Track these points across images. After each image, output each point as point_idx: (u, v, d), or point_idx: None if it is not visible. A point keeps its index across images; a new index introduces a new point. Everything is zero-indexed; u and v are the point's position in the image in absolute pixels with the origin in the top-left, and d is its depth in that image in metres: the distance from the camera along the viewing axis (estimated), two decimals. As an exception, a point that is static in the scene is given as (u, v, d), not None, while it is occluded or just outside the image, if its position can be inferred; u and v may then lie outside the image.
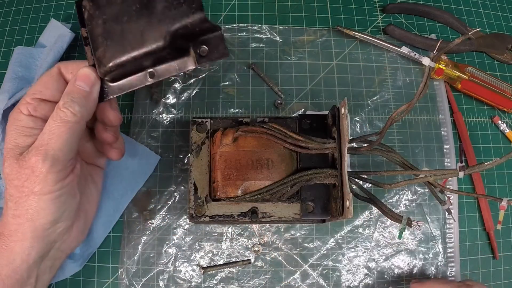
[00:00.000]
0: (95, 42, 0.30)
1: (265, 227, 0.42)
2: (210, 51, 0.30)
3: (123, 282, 0.41)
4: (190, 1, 0.28)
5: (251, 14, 0.49)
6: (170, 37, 0.29)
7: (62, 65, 0.33)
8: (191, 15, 0.28)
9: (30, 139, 0.31)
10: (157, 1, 0.28)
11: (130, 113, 0.45)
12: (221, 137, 0.37)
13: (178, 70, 0.31)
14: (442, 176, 0.33)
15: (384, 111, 0.46)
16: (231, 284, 0.41)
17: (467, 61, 0.49)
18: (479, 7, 0.52)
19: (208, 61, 0.31)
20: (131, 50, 0.29)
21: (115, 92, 0.32)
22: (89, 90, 0.31)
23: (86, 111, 0.31)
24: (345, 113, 0.33)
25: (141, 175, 0.43)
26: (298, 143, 0.35)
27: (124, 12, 0.29)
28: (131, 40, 0.29)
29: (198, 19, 0.28)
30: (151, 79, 0.31)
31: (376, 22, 0.50)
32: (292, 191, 0.36)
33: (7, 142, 0.31)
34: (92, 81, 0.31)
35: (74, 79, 0.31)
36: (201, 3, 0.28)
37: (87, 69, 0.31)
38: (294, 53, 0.48)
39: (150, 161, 0.43)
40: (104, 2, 0.30)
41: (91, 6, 0.30)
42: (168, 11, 0.28)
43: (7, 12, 0.49)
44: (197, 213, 0.37)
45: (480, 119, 0.47)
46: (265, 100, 0.46)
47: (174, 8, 0.28)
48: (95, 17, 0.30)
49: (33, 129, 0.31)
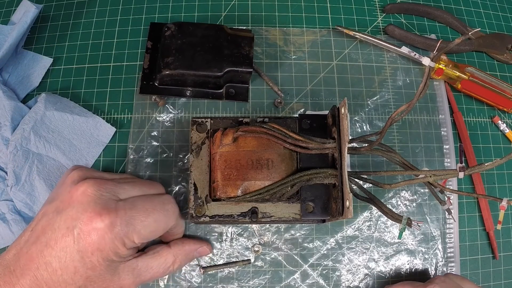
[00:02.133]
0: (166, 51, 0.42)
1: (265, 227, 0.42)
2: (236, 95, 0.45)
3: (123, 282, 0.41)
4: (246, 58, 0.43)
5: (251, 14, 0.49)
6: (224, 73, 0.42)
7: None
8: (243, 66, 0.43)
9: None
10: (224, 48, 0.43)
11: (130, 113, 0.45)
12: (221, 137, 0.37)
13: (211, 97, 0.45)
14: (442, 176, 0.33)
15: (384, 111, 0.46)
16: (231, 284, 0.41)
17: (467, 61, 0.49)
18: (479, 7, 0.52)
19: (232, 100, 0.45)
20: (196, 69, 0.42)
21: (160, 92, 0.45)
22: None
23: None
24: (345, 113, 0.33)
25: (96, 146, 0.44)
26: (298, 143, 0.35)
27: (199, 43, 0.43)
28: (198, 63, 0.42)
29: (246, 71, 0.43)
30: (188, 94, 0.45)
31: (376, 22, 0.50)
32: (292, 191, 0.36)
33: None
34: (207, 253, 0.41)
35: (197, 254, 0.40)
36: (251, 61, 0.43)
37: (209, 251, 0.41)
38: (294, 53, 0.48)
39: (105, 132, 0.44)
40: (188, 32, 0.43)
41: (176, 30, 0.43)
42: (230, 57, 0.43)
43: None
44: (197, 213, 0.37)
45: (480, 119, 0.47)
46: (265, 100, 0.46)
47: (235, 57, 0.43)
48: (175, 37, 0.43)
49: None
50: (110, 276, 0.33)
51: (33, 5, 0.46)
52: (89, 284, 0.32)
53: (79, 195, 0.32)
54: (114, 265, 0.33)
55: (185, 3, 0.50)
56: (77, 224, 0.31)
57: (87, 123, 0.43)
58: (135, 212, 0.32)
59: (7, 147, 0.42)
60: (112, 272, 0.33)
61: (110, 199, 0.33)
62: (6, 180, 0.42)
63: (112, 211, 0.31)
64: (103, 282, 0.33)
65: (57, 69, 0.47)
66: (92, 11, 0.49)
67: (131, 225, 0.32)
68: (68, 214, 0.32)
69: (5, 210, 0.41)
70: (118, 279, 0.33)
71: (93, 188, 0.32)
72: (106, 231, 0.31)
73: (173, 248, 0.38)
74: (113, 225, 0.31)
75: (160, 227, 0.34)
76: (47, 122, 0.42)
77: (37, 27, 0.49)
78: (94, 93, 0.46)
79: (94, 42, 0.48)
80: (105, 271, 0.32)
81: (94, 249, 0.31)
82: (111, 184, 0.34)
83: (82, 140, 0.43)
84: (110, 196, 0.33)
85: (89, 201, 0.32)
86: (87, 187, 0.33)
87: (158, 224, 0.34)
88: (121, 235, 0.31)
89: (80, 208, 0.31)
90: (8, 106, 0.43)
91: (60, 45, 0.48)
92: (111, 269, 0.33)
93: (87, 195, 0.32)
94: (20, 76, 0.46)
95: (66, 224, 0.31)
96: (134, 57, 0.47)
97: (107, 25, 0.49)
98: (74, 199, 0.32)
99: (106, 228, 0.31)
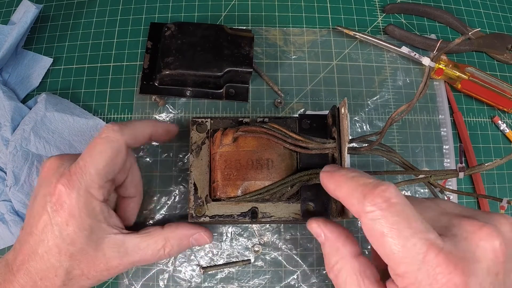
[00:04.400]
0: (166, 51, 0.42)
1: (265, 227, 0.42)
2: (236, 95, 0.45)
3: (123, 282, 0.41)
4: (246, 58, 0.43)
5: (251, 14, 0.49)
6: (224, 73, 0.42)
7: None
8: (243, 66, 0.43)
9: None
10: (224, 48, 0.43)
11: (130, 113, 0.45)
12: (221, 137, 0.37)
13: (211, 97, 0.45)
14: (442, 176, 0.33)
15: (384, 111, 0.46)
16: (231, 284, 0.41)
17: (467, 61, 0.49)
18: (479, 7, 0.52)
19: (232, 100, 0.45)
20: (196, 69, 0.42)
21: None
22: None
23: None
24: (345, 113, 0.33)
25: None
26: (298, 143, 0.35)
27: (199, 43, 0.43)
28: (198, 63, 0.42)
29: (246, 71, 0.43)
30: (188, 94, 0.45)
31: (376, 22, 0.50)
32: (292, 191, 0.36)
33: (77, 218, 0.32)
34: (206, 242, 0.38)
35: (194, 241, 0.37)
36: (252, 62, 0.43)
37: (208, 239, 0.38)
38: (294, 53, 0.48)
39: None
40: (188, 32, 0.43)
41: (176, 30, 0.43)
42: (230, 57, 0.43)
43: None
44: (197, 213, 0.37)
45: (480, 119, 0.47)
46: (265, 100, 0.46)
47: (235, 57, 0.43)
48: (175, 37, 0.43)
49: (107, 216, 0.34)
50: (93, 252, 0.32)
51: (33, 5, 0.46)
52: (75, 264, 0.32)
53: (44, 172, 0.33)
54: (94, 237, 0.32)
55: (185, 3, 0.50)
56: (48, 199, 0.31)
57: (87, 125, 0.43)
58: (82, 159, 0.32)
59: (7, 148, 0.42)
60: (94, 246, 0.32)
61: (70, 163, 0.33)
62: (5, 180, 0.42)
63: (67, 171, 0.32)
64: (87, 259, 0.32)
65: (57, 69, 0.47)
66: (92, 11, 0.49)
67: (85, 172, 0.31)
68: (41, 194, 0.32)
69: (4, 211, 0.41)
70: (103, 256, 0.33)
71: (55, 161, 0.33)
72: (68, 191, 0.31)
73: (165, 230, 0.36)
74: (72, 182, 0.31)
75: (107, 156, 0.32)
76: (47, 123, 0.42)
77: (37, 27, 0.49)
78: (94, 93, 0.46)
79: (94, 42, 0.48)
80: (86, 245, 0.32)
81: (67, 217, 0.31)
82: (72, 154, 0.35)
83: (82, 141, 0.43)
84: (71, 162, 0.33)
85: (53, 173, 0.32)
86: (50, 161, 0.33)
87: (103, 154, 0.32)
88: (82, 187, 0.31)
89: (47, 183, 0.32)
90: (8, 106, 0.43)
91: (60, 45, 0.48)
92: (92, 242, 0.32)
93: (51, 169, 0.33)
94: (20, 76, 0.46)
95: (41, 204, 0.32)
96: (134, 57, 0.47)
97: (107, 25, 0.49)
98: (42, 177, 0.33)
99: (67, 188, 0.31)
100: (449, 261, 0.22)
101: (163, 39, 0.43)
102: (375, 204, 0.24)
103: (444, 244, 0.23)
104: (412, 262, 0.23)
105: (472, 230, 0.24)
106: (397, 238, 0.23)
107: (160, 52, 0.44)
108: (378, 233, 0.24)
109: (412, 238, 0.23)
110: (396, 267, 0.24)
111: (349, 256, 0.28)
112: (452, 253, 0.23)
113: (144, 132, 0.35)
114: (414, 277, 0.23)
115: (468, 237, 0.24)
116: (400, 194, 0.25)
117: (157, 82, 0.44)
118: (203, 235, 0.37)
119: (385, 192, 0.24)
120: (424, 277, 0.23)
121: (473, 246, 0.24)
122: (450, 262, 0.22)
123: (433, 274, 0.22)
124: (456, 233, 0.25)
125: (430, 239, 0.23)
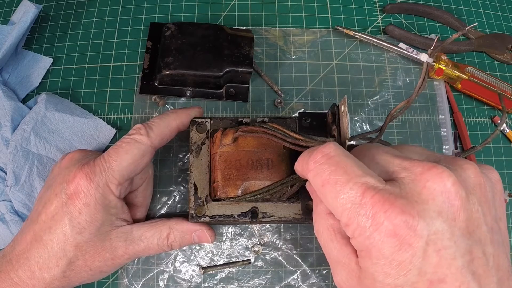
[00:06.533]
0: (166, 51, 0.42)
1: (265, 227, 0.42)
2: (236, 95, 0.45)
3: (123, 282, 0.40)
4: (246, 58, 0.43)
5: (251, 14, 0.49)
6: (224, 73, 0.42)
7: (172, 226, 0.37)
8: (243, 66, 0.43)
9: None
10: (224, 48, 0.43)
11: (130, 113, 0.45)
12: (221, 137, 0.37)
13: (211, 97, 0.45)
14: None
15: (384, 111, 0.46)
16: (231, 284, 0.41)
17: (467, 61, 0.49)
18: (479, 7, 0.52)
19: (232, 100, 0.45)
20: (196, 69, 0.42)
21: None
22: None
23: None
24: (345, 111, 0.33)
25: (96, 148, 0.44)
26: (298, 143, 0.35)
27: (199, 43, 0.43)
28: (198, 63, 0.42)
29: (246, 71, 0.43)
30: (188, 94, 0.45)
31: (376, 22, 0.50)
32: (292, 191, 0.36)
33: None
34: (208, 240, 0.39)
35: (196, 238, 0.38)
36: (252, 62, 0.43)
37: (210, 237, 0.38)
38: (294, 53, 0.48)
39: (106, 134, 0.44)
40: (188, 32, 0.43)
41: (176, 30, 0.43)
42: (230, 57, 0.43)
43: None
44: (197, 213, 0.37)
45: (480, 119, 0.47)
46: (265, 100, 0.46)
47: (235, 57, 0.43)
48: (175, 37, 0.43)
49: (120, 212, 0.34)
50: (101, 243, 0.32)
51: (33, 5, 0.46)
52: (79, 254, 0.32)
53: (65, 162, 0.34)
54: (103, 230, 0.32)
55: (185, 3, 0.50)
56: (64, 186, 0.32)
57: (87, 125, 0.43)
58: (108, 154, 0.33)
59: (7, 148, 0.42)
60: (102, 237, 0.32)
61: (93, 157, 0.33)
62: (5, 180, 0.42)
63: (91, 163, 0.32)
64: (93, 250, 0.32)
65: (57, 69, 0.47)
66: (92, 11, 0.49)
67: (108, 166, 0.32)
68: (57, 182, 0.32)
69: (4, 211, 0.41)
70: (110, 245, 0.33)
71: (79, 153, 0.34)
72: (88, 181, 0.31)
73: (171, 220, 0.37)
74: (94, 173, 0.32)
75: (133, 155, 0.33)
76: (47, 123, 0.42)
77: (37, 27, 0.49)
78: (94, 93, 0.46)
79: (94, 42, 0.48)
80: (94, 236, 0.32)
81: (81, 206, 0.31)
82: (95, 151, 0.36)
83: (82, 141, 0.43)
84: (95, 157, 0.33)
85: (74, 163, 0.33)
86: (74, 153, 0.34)
87: (129, 154, 0.33)
88: (102, 180, 0.32)
89: (66, 171, 0.32)
90: (8, 106, 0.43)
91: (60, 45, 0.48)
92: (101, 234, 0.32)
93: (73, 159, 0.33)
94: (20, 76, 0.46)
95: (55, 192, 0.32)
96: (134, 57, 0.47)
97: (107, 25, 0.49)
98: (62, 166, 0.34)
99: (88, 177, 0.31)
100: (384, 200, 0.21)
101: (163, 39, 0.43)
102: (316, 161, 0.25)
103: (385, 186, 0.22)
104: (352, 208, 0.22)
105: (421, 171, 0.23)
106: (334, 185, 0.23)
107: (160, 52, 0.44)
108: (320, 185, 0.24)
109: (348, 183, 0.23)
110: (340, 216, 0.23)
111: (323, 212, 0.28)
112: (392, 194, 0.22)
113: (170, 130, 0.36)
114: (357, 223, 0.22)
115: (415, 179, 0.23)
116: (339, 148, 0.25)
117: (157, 82, 0.44)
118: (205, 233, 0.38)
119: (324, 148, 0.25)
120: (364, 220, 0.22)
121: (419, 187, 0.22)
122: (386, 201, 0.21)
123: (371, 215, 0.21)
124: (405, 176, 0.23)
125: (367, 182, 0.22)
